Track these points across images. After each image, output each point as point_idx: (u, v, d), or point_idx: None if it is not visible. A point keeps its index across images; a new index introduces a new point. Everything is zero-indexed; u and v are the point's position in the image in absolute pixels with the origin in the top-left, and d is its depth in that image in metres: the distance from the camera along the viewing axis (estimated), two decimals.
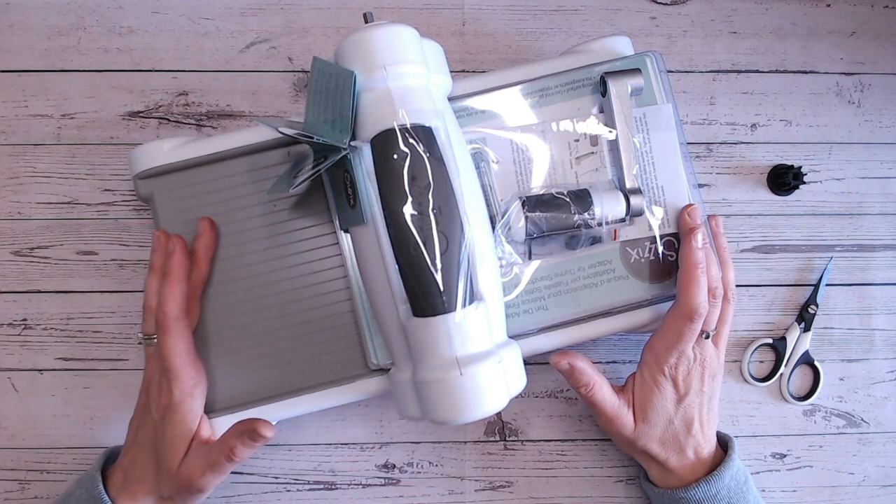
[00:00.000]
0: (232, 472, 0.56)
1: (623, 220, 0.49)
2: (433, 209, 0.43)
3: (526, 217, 0.48)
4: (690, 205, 0.49)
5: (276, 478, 0.56)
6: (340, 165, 0.46)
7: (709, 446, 0.51)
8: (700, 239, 0.48)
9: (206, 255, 0.49)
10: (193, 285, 0.49)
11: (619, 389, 0.51)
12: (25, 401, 0.56)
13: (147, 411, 0.48)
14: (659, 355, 0.49)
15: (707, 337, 0.50)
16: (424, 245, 0.43)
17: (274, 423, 0.51)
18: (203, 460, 0.45)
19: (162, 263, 0.49)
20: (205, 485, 0.46)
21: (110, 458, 0.50)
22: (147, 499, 0.47)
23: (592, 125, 0.50)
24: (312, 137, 0.45)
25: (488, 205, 0.49)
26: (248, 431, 0.45)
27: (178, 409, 0.46)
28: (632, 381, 0.51)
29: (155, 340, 0.47)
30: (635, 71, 0.49)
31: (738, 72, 0.61)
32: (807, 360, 0.58)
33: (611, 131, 0.50)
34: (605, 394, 0.50)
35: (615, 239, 0.50)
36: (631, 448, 0.52)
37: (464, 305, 0.43)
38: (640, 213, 0.49)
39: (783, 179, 0.59)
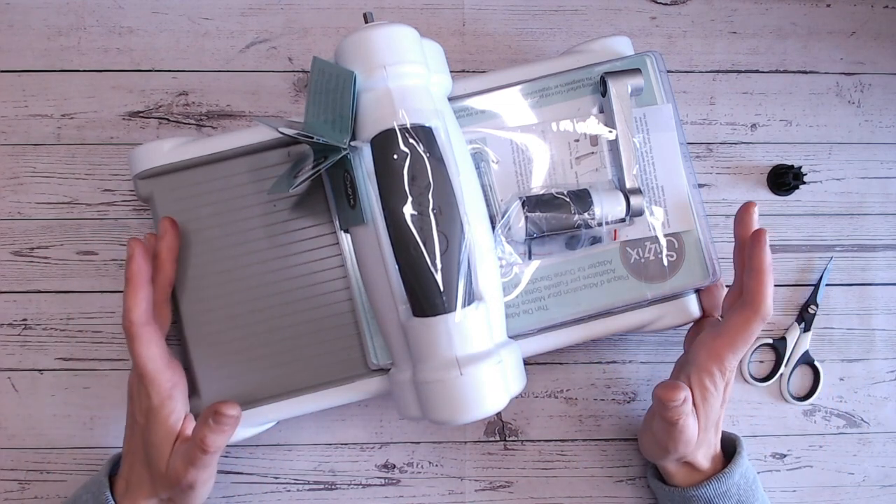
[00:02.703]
0: (232, 473, 0.56)
1: (623, 220, 0.49)
2: (433, 209, 0.43)
3: (526, 217, 0.48)
4: (752, 203, 0.49)
5: (276, 478, 0.56)
6: (340, 165, 0.46)
7: (719, 445, 0.51)
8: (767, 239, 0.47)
9: (169, 256, 0.48)
10: (160, 288, 0.48)
11: None
12: (25, 401, 0.56)
13: (133, 418, 0.48)
14: (724, 360, 0.47)
15: None
16: (424, 245, 0.43)
17: (274, 423, 0.51)
18: (183, 457, 0.45)
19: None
20: (192, 480, 0.45)
21: (116, 464, 0.50)
22: (148, 502, 0.47)
23: (592, 125, 0.50)
24: (312, 137, 0.45)
25: (488, 205, 0.49)
26: (211, 415, 0.44)
27: (159, 413, 0.46)
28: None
29: None
30: (635, 71, 0.49)
31: (738, 72, 0.61)
32: (807, 360, 0.58)
33: (611, 131, 0.50)
34: (692, 420, 0.47)
35: (615, 239, 0.50)
36: (667, 457, 0.50)
37: (464, 305, 0.43)
38: (640, 213, 0.49)
39: (783, 179, 0.59)
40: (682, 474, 0.51)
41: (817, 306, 0.59)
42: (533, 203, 0.48)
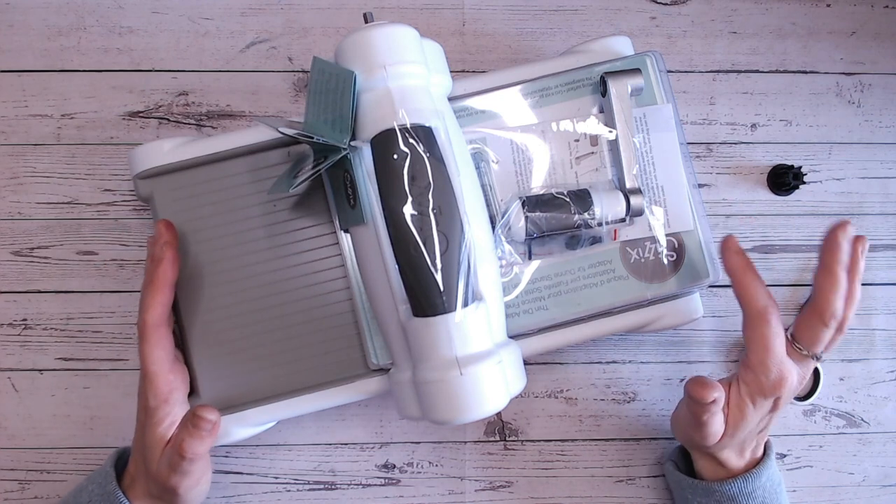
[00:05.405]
0: (232, 473, 0.56)
1: (623, 220, 0.49)
2: (433, 209, 0.43)
3: (526, 217, 0.48)
4: (846, 223, 0.45)
5: (276, 478, 0.56)
6: (340, 165, 0.46)
7: (760, 452, 0.51)
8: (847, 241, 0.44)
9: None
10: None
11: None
12: (25, 401, 0.56)
13: (139, 413, 0.48)
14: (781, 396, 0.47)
15: (817, 360, 0.48)
16: (424, 245, 0.43)
17: (274, 423, 0.51)
18: (167, 461, 0.45)
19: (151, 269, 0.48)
20: (174, 485, 0.46)
21: (121, 457, 0.50)
22: (144, 499, 0.48)
23: (592, 125, 0.50)
24: (312, 137, 0.45)
25: (488, 205, 0.49)
26: (190, 418, 0.44)
27: (154, 415, 0.46)
28: (727, 393, 0.48)
29: None
30: (635, 71, 0.49)
31: (738, 72, 0.61)
32: None
33: (611, 131, 0.50)
34: (718, 418, 0.47)
35: (615, 239, 0.50)
36: (695, 446, 0.50)
37: (464, 305, 0.43)
38: (640, 213, 0.49)
39: (783, 179, 0.59)
40: (710, 468, 0.51)
41: None
42: (533, 203, 0.48)
